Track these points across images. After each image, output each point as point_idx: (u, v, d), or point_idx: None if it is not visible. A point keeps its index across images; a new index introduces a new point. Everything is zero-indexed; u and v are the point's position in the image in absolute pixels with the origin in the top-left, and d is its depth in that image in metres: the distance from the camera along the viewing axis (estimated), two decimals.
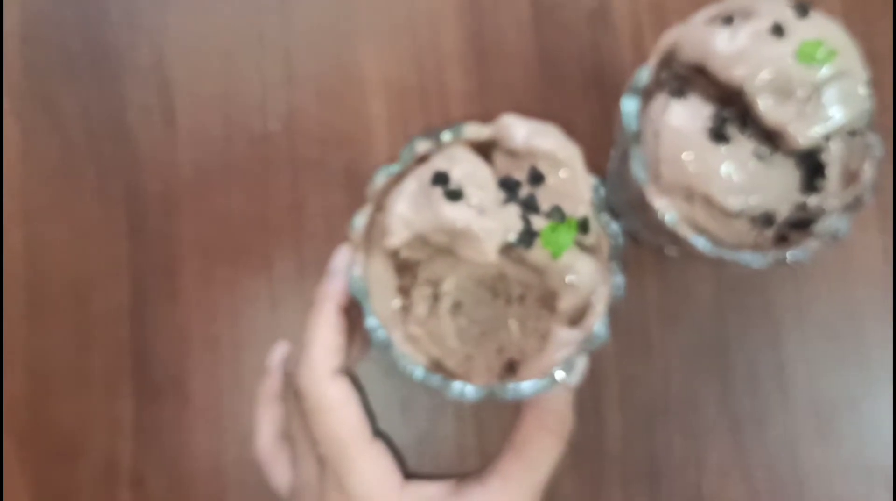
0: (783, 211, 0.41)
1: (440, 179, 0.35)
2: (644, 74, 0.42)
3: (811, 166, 0.41)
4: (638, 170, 0.40)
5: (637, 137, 0.41)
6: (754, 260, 0.40)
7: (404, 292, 0.40)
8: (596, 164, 0.50)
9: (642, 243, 0.51)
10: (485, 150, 0.39)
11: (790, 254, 0.40)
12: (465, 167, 0.36)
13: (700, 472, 0.50)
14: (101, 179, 0.51)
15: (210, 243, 0.51)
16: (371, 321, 0.37)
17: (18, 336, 0.51)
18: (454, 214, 0.34)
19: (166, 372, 0.50)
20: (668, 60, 0.42)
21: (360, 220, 0.38)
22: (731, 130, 0.40)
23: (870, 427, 0.50)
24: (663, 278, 0.51)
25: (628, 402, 0.50)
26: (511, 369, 0.40)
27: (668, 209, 0.40)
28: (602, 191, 0.39)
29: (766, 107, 0.38)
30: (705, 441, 0.50)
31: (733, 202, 0.39)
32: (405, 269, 0.39)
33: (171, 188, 0.51)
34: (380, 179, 0.38)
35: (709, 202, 0.40)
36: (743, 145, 0.40)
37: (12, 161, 0.51)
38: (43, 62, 0.53)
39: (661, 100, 0.42)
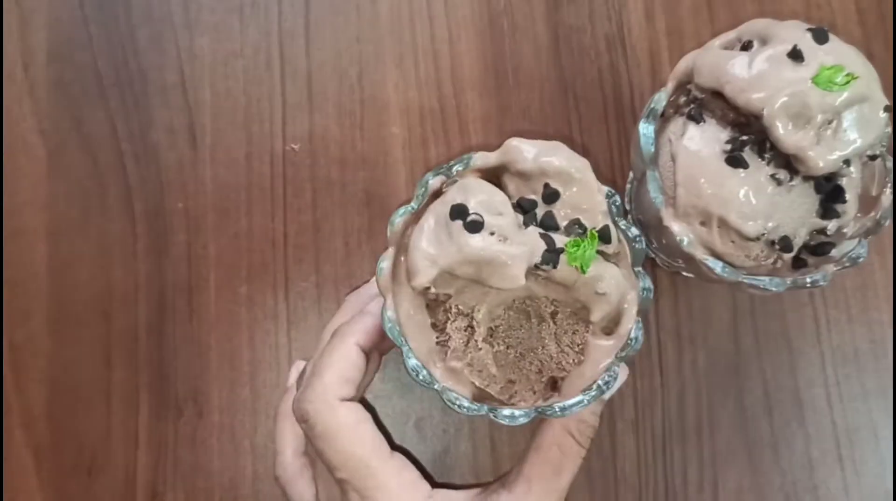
0: (801, 236, 0.41)
1: (458, 212, 0.35)
2: (661, 98, 0.42)
3: (830, 191, 0.40)
4: (655, 193, 0.40)
5: (654, 160, 0.41)
6: (773, 285, 0.40)
7: (439, 327, 0.39)
8: (616, 186, 0.50)
9: (659, 266, 0.50)
10: (495, 175, 0.39)
11: (809, 278, 0.40)
12: (480, 196, 0.36)
13: (715, 495, 0.49)
14: (125, 196, 0.52)
15: (230, 260, 0.51)
16: (412, 362, 0.37)
17: (41, 350, 0.51)
18: (478, 244, 0.34)
19: (185, 388, 0.50)
20: (686, 84, 0.42)
21: (385, 264, 0.37)
22: (749, 155, 0.39)
23: (890, 454, 0.50)
24: (679, 301, 0.51)
25: (643, 426, 0.49)
26: (554, 386, 0.40)
27: (684, 233, 0.40)
28: (617, 199, 0.39)
29: (784, 132, 0.38)
30: (722, 466, 0.49)
31: (751, 227, 0.39)
32: (436, 305, 0.39)
33: (193, 207, 0.52)
34: (398, 221, 0.37)
35: (726, 226, 0.39)
36: (761, 170, 0.39)
37: (39, 178, 0.52)
38: (70, 82, 0.54)
39: (678, 124, 0.42)
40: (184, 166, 0.52)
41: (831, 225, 0.41)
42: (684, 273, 0.49)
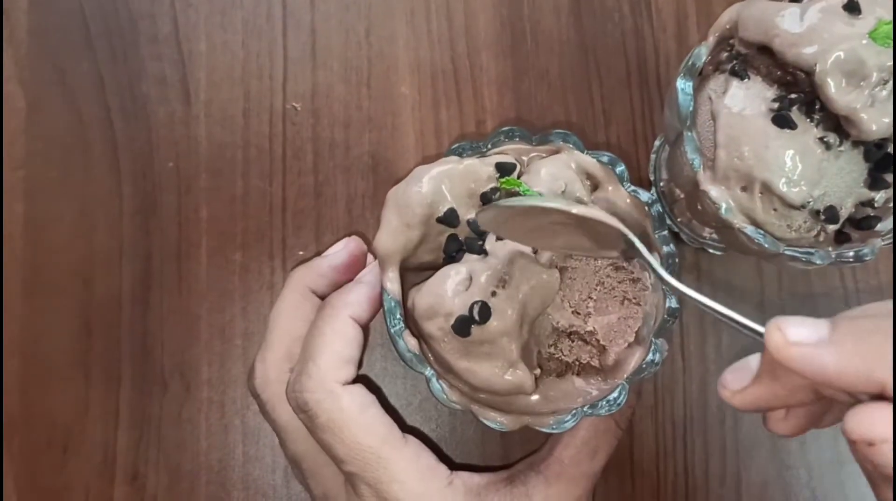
0: (847, 207, 0.38)
1: (466, 322, 0.35)
2: (701, 53, 0.39)
3: (880, 159, 0.37)
4: (692, 155, 0.38)
5: (692, 120, 0.38)
6: (818, 257, 0.37)
7: None
8: (637, 156, 0.48)
9: (683, 242, 0.48)
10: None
11: (854, 252, 0.38)
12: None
13: (739, 490, 0.47)
14: (110, 153, 0.49)
15: (224, 225, 0.49)
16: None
17: (14, 318, 0.48)
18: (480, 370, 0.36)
19: (171, 362, 0.47)
20: (728, 39, 0.40)
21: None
22: (797, 116, 0.37)
23: None
24: (703, 280, 0.48)
25: (662, 413, 0.47)
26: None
27: (723, 198, 0.38)
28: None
29: (836, 90, 0.35)
30: (745, 458, 0.47)
31: (796, 194, 0.36)
32: None
33: (185, 166, 0.49)
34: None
35: (769, 193, 0.37)
36: (809, 132, 0.37)
37: (16, 132, 0.49)
38: (54, 29, 0.50)
39: (719, 81, 0.40)
40: (175, 123, 0.49)
41: (879, 197, 0.38)
42: (710, 250, 0.47)
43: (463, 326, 0.35)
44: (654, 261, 0.33)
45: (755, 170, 0.36)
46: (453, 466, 0.38)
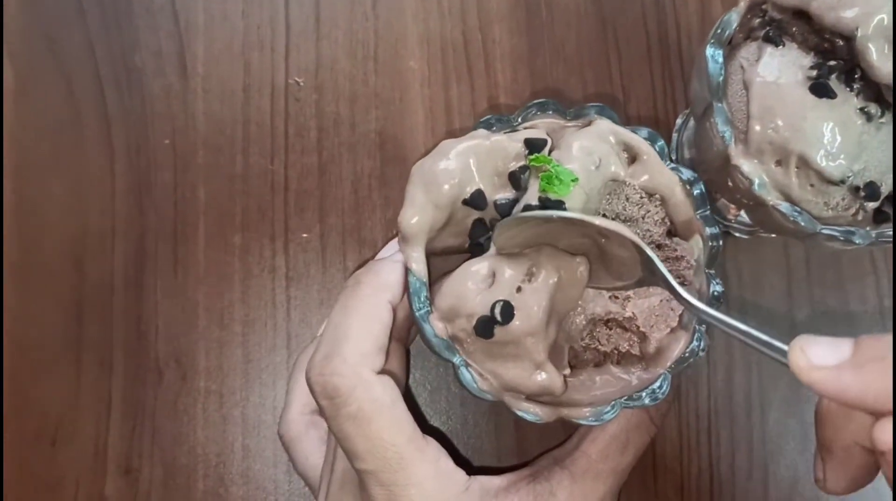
0: (888, 182, 0.36)
1: (488, 324, 0.34)
2: (732, 19, 0.37)
3: None
4: (723, 127, 0.36)
5: (722, 90, 0.36)
6: (858, 237, 0.36)
7: None
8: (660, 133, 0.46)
9: None
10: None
11: None
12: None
13: (766, 485, 0.45)
14: (104, 129, 0.48)
15: (222, 206, 0.47)
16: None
17: (3, 303, 0.46)
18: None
19: (166, 349, 0.46)
20: (760, 4, 0.38)
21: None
22: (836, 84, 0.35)
23: None
24: (728, 266, 0.47)
25: (686, 405, 0.46)
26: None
27: (756, 173, 0.36)
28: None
29: (879, 57, 0.33)
30: (774, 452, 0.45)
31: (835, 168, 0.35)
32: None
33: (182, 143, 0.48)
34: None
35: (806, 167, 0.35)
36: (849, 102, 0.35)
37: (6, 106, 0.48)
38: None
39: (751, 49, 0.38)
40: (172, 98, 0.48)
41: None
42: (735, 233, 0.46)
43: (485, 327, 0.33)
44: (674, 281, 0.32)
45: (791, 142, 0.35)
46: (472, 469, 0.36)
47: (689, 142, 0.46)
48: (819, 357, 0.24)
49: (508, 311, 0.33)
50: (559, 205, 0.34)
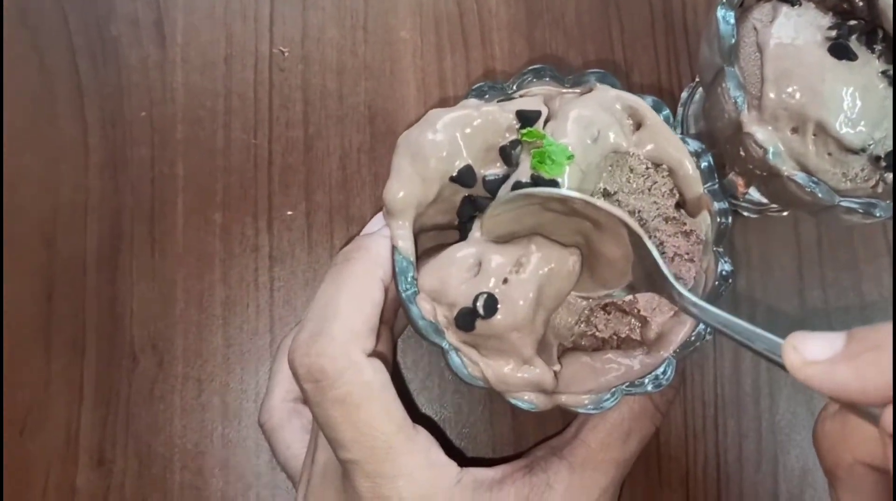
0: None
1: (469, 316, 0.32)
2: None
3: None
4: (735, 91, 0.34)
5: (734, 53, 0.35)
6: (879, 209, 0.34)
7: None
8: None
9: None
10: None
11: None
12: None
13: (776, 476, 0.43)
14: (77, 101, 0.46)
15: (202, 182, 0.46)
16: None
17: None
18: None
19: (141, 333, 0.44)
20: None
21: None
22: (856, 46, 0.34)
23: None
24: (736, 246, 0.45)
25: (691, 393, 0.44)
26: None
27: (771, 141, 0.34)
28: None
29: None
30: (784, 442, 0.44)
31: (856, 136, 0.33)
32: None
33: (159, 116, 0.46)
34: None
35: (824, 134, 0.34)
36: (870, 65, 0.34)
37: None
38: None
39: (764, 10, 0.36)
40: (149, 69, 0.46)
41: None
42: (743, 212, 0.44)
43: (466, 319, 0.32)
44: (669, 272, 0.31)
45: (808, 108, 0.33)
46: (465, 460, 0.34)
47: (695, 116, 0.44)
48: (812, 353, 0.23)
49: (492, 304, 0.31)
50: (552, 184, 0.32)
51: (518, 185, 0.33)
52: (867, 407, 0.23)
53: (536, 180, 0.32)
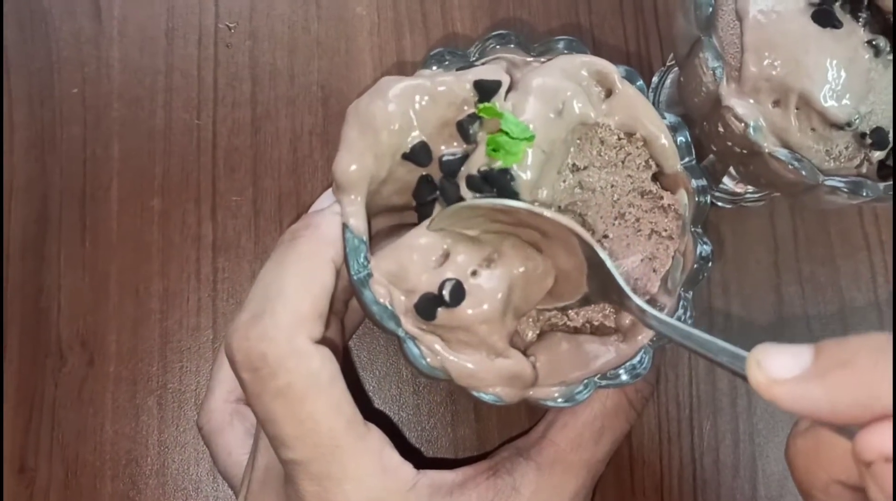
0: None
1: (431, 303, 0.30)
2: None
3: None
4: (713, 62, 0.33)
5: (712, 21, 0.34)
6: (866, 189, 0.33)
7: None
8: None
9: None
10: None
11: None
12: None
13: (755, 481, 0.42)
14: (5, 76, 0.45)
15: (140, 165, 0.44)
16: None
17: None
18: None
19: (70, 328, 0.43)
20: None
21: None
22: (840, 14, 0.33)
23: None
24: (710, 237, 0.44)
25: (665, 393, 0.43)
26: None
27: (752, 115, 0.33)
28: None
29: None
30: (762, 445, 0.43)
31: (841, 109, 0.32)
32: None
33: (93, 94, 0.45)
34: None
35: (807, 107, 0.33)
36: (855, 34, 0.33)
37: None
38: None
39: None
40: (82, 43, 0.45)
41: None
42: (718, 203, 0.44)
43: (427, 307, 0.30)
44: (626, 286, 0.29)
45: (791, 78, 0.32)
46: (422, 461, 0.33)
47: (668, 102, 0.43)
48: (778, 370, 0.22)
49: (459, 293, 0.29)
50: (504, 180, 0.30)
51: (470, 180, 0.31)
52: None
53: (487, 176, 0.30)
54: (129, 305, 0.43)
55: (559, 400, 0.32)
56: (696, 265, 0.33)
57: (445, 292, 0.29)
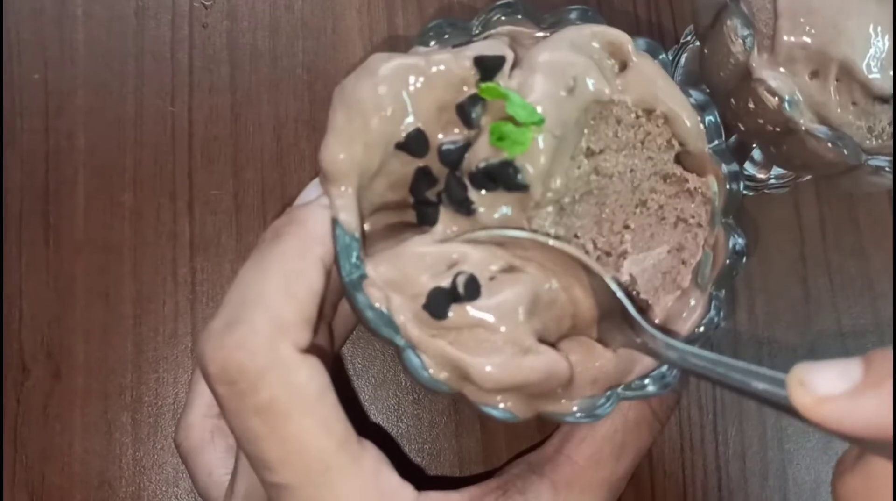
0: None
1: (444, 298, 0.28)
2: None
3: None
4: (742, 31, 0.31)
5: None
6: None
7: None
8: None
9: None
10: None
11: None
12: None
13: (785, 491, 0.41)
14: None
15: (108, 156, 0.43)
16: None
17: None
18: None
19: (33, 338, 0.42)
20: None
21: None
22: None
23: None
24: None
25: (687, 398, 0.42)
26: None
27: (786, 88, 0.31)
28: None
29: None
30: (792, 451, 0.42)
31: (884, 81, 0.31)
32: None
33: (56, 79, 0.44)
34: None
35: (848, 78, 0.31)
36: None
37: None
38: None
39: None
40: (44, 24, 0.44)
41: None
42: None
43: (439, 302, 0.27)
44: (641, 319, 0.28)
45: (831, 47, 0.30)
46: (425, 480, 0.32)
47: (685, 80, 0.42)
48: (825, 386, 0.21)
49: (474, 285, 0.27)
50: (508, 174, 0.28)
51: (473, 178, 0.29)
52: None
53: (490, 172, 0.28)
54: (98, 311, 0.42)
55: (578, 415, 0.29)
56: (728, 261, 0.30)
57: (460, 284, 0.27)
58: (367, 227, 0.30)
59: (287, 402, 0.26)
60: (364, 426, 0.30)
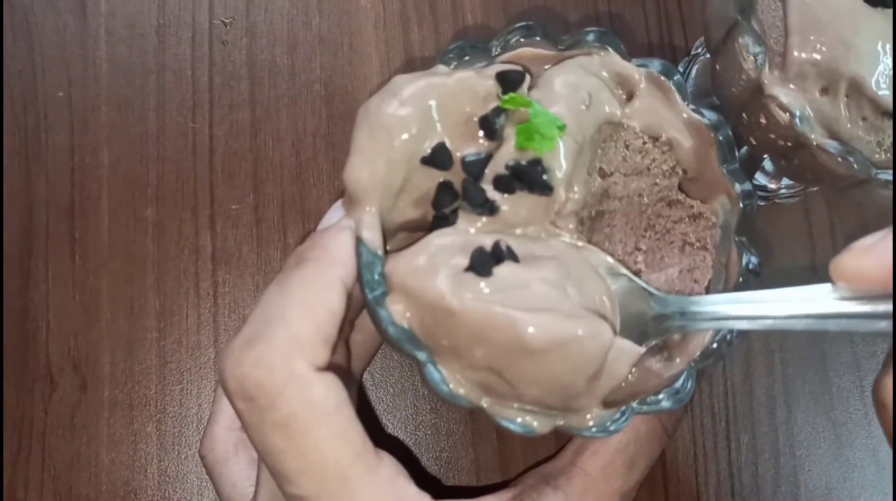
0: None
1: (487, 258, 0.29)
2: None
3: None
4: (754, 48, 0.32)
5: (751, 1, 0.32)
6: None
7: None
8: None
9: None
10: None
11: None
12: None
13: (797, 496, 0.41)
14: None
15: (132, 172, 0.43)
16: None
17: None
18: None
19: (60, 350, 0.42)
20: None
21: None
22: None
23: None
24: None
25: (699, 405, 0.42)
26: None
27: (797, 104, 0.31)
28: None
29: None
30: (804, 458, 0.42)
31: (893, 96, 0.31)
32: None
33: (80, 97, 0.44)
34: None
35: (858, 94, 0.31)
36: None
37: None
38: None
39: None
40: (67, 41, 0.44)
41: None
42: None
43: (482, 261, 0.28)
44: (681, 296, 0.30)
45: (841, 63, 0.31)
46: (442, 490, 0.33)
47: (695, 93, 0.42)
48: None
49: (512, 252, 0.28)
50: (535, 173, 0.29)
51: (499, 180, 0.29)
52: None
53: (517, 171, 0.29)
54: (122, 323, 0.42)
55: (593, 429, 0.30)
56: (741, 279, 0.31)
57: (502, 245, 0.28)
58: (388, 248, 0.30)
59: (305, 417, 0.27)
60: (381, 439, 0.30)
